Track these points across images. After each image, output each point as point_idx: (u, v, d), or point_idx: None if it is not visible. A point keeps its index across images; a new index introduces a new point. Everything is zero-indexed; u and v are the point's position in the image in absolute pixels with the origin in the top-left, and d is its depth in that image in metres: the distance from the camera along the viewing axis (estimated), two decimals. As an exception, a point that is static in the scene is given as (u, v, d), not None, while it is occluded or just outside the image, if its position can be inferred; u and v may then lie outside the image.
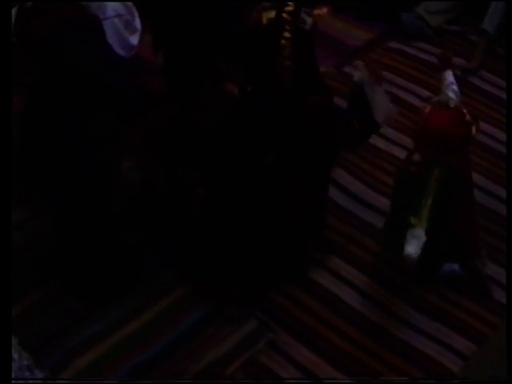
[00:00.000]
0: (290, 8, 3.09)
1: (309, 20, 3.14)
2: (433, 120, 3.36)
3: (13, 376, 2.92)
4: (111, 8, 4.86)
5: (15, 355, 3.06)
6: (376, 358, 3.42)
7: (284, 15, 3.08)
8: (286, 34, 3.07)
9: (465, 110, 3.36)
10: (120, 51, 5.02)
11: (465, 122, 3.31)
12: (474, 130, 3.32)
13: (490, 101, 4.74)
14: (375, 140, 4.25)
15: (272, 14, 3.13)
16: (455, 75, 4.72)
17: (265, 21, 3.13)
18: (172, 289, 3.65)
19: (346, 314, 3.58)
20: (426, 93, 4.69)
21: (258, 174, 3.35)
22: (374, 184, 4.14)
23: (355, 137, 3.44)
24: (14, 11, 3.71)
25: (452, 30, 5.30)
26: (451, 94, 3.39)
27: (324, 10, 3.21)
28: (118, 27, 4.95)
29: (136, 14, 5.13)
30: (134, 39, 5.10)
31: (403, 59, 5.07)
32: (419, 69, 4.98)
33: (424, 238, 3.30)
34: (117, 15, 4.91)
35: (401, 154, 4.08)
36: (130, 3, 5.01)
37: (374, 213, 3.97)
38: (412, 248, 3.30)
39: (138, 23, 5.14)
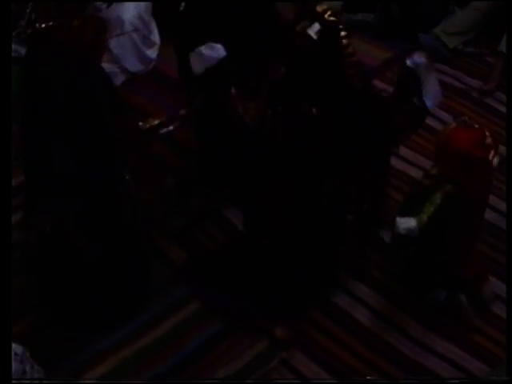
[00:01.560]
0: (329, 12, 3.08)
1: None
2: (454, 138, 3.38)
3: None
4: (129, 23, 4.92)
5: (27, 368, 3.05)
6: (388, 377, 3.40)
7: (331, 19, 3.07)
8: (343, 33, 3.06)
9: (487, 133, 3.37)
10: (138, 65, 5.08)
11: (485, 144, 3.33)
12: (492, 153, 3.33)
13: (505, 122, 4.72)
14: (393, 161, 4.23)
15: (316, 26, 3.12)
16: (472, 96, 4.85)
17: (314, 34, 3.12)
18: (185, 304, 3.65)
19: (358, 333, 3.56)
20: (442, 113, 4.68)
21: (317, 197, 3.35)
22: (391, 203, 4.12)
23: (408, 122, 3.45)
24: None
25: (469, 52, 5.30)
26: None
27: None
28: (135, 41, 5.01)
29: (155, 29, 5.19)
30: (152, 53, 5.16)
31: (419, 79, 5.06)
32: (435, 89, 4.97)
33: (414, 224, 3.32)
34: (134, 30, 4.97)
35: (417, 174, 4.07)
36: (148, 18, 5.07)
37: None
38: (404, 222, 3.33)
39: (156, 37, 5.20)
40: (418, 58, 3.43)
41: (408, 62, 3.42)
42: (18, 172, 3.55)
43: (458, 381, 3.39)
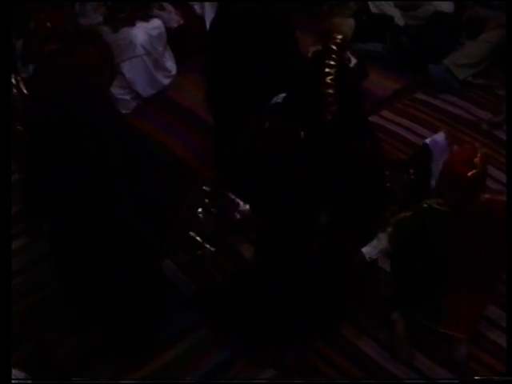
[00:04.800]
0: (337, 40, 3.08)
1: (353, 60, 3.14)
2: (451, 158, 3.40)
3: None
4: (140, 46, 4.99)
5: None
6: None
7: (330, 45, 3.07)
8: (331, 62, 3.05)
9: (479, 153, 3.30)
10: (149, 89, 5.12)
11: (472, 162, 3.27)
12: (473, 171, 3.26)
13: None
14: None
15: (313, 48, 3.14)
16: (481, 129, 4.83)
17: (311, 53, 3.14)
18: (193, 331, 3.63)
19: (364, 365, 3.53)
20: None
21: (311, 234, 3.34)
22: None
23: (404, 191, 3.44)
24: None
25: (479, 84, 5.31)
26: None
27: None
28: (147, 65, 5.06)
29: (169, 57, 5.23)
30: (163, 78, 5.20)
31: (429, 110, 5.08)
32: (445, 121, 4.98)
33: (383, 245, 3.32)
34: (146, 53, 5.02)
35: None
36: (160, 44, 5.13)
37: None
38: (368, 248, 3.34)
39: (170, 65, 5.24)
40: (439, 137, 3.42)
41: (427, 141, 3.41)
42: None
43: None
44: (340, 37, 3.09)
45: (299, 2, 5.71)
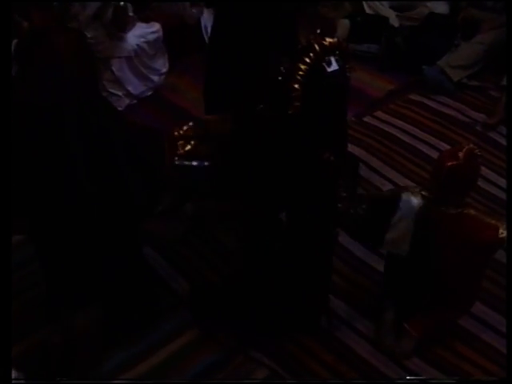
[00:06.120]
0: (324, 41, 3.05)
1: (333, 64, 3.08)
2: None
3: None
4: (131, 45, 4.97)
5: (20, 394, 3.04)
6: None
7: (313, 43, 3.05)
8: (306, 59, 3.04)
9: (464, 149, 3.24)
10: (140, 87, 5.12)
11: (456, 155, 3.24)
12: (451, 162, 3.23)
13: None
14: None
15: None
16: (475, 130, 4.84)
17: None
18: (184, 332, 3.60)
19: (359, 367, 3.51)
20: (444, 146, 4.69)
21: (273, 231, 3.34)
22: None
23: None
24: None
25: (473, 85, 5.33)
26: None
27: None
28: (137, 64, 5.06)
29: (161, 55, 5.22)
30: (155, 77, 5.19)
31: (423, 112, 5.08)
32: (438, 122, 4.99)
33: None
34: (136, 53, 5.02)
35: (418, 206, 4.06)
36: (153, 43, 5.12)
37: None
38: None
39: (163, 63, 5.23)
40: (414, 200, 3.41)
41: (402, 198, 3.39)
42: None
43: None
44: (330, 40, 3.07)
45: (294, 2, 5.71)
